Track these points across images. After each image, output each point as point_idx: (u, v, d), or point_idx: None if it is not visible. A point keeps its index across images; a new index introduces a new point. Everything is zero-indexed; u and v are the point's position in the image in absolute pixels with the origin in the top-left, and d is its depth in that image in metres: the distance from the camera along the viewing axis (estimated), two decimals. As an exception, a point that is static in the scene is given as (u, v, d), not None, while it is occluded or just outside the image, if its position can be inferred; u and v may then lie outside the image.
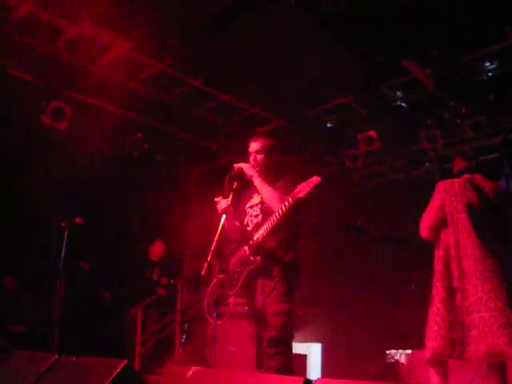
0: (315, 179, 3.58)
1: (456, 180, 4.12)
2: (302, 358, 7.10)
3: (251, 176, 4.01)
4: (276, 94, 7.65)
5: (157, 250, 8.48)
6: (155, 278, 8.33)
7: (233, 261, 4.12)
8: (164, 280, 8.33)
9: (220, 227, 3.87)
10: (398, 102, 8.12)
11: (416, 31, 6.28)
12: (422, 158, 8.97)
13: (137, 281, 8.30)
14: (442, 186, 4.18)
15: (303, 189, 3.57)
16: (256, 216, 4.09)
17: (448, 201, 4.05)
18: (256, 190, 4.10)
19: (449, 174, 4.45)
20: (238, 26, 6.16)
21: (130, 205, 8.72)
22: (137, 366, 7.50)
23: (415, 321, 7.95)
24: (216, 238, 3.79)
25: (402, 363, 6.67)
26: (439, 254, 4.02)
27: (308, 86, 7.38)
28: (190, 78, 7.54)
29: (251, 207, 4.18)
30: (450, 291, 3.86)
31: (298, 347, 7.55)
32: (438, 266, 4.00)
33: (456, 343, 3.76)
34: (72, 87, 7.45)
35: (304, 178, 3.66)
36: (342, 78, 7.24)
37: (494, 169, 4.30)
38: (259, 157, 4.12)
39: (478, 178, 4.09)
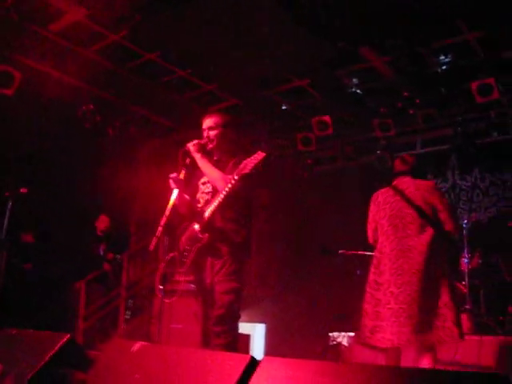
0: (259, 155, 3.56)
1: (381, 191, 4.53)
2: (246, 338, 7.17)
3: (194, 156, 3.95)
4: (233, 73, 7.59)
5: (102, 224, 8.37)
6: (101, 252, 8.22)
7: (183, 238, 4.05)
8: (110, 255, 8.24)
9: (171, 202, 3.83)
10: (354, 89, 8.20)
11: (375, 20, 6.33)
12: (374, 145, 9.10)
13: (82, 255, 8.17)
14: (373, 198, 4.59)
15: (248, 164, 3.54)
16: (208, 193, 4.04)
17: (375, 210, 4.45)
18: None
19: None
20: (199, 2, 6.06)
21: (78, 177, 8.54)
22: (80, 341, 7.40)
23: (358, 304, 8.15)
24: (166, 213, 3.75)
25: (344, 345, 6.79)
26: (375, 254, 4.36)
27: (265, 66, 7.35)
28: (145, 52, 7.38)
29: (204, 184, 4.12)
30: (375, 285, 4.22)
31: (242, 327, 7.58)
32: (373, 262, 4.35)
33: (366, 330, 4.15)
34: (22, 52, 7.17)
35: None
36: (299, 60, 7.24)
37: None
38: (212, 133, 4.07)
39: (405, 181, 4.39)
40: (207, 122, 4.11)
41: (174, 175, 3.97)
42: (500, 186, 8.73)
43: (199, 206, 4.04)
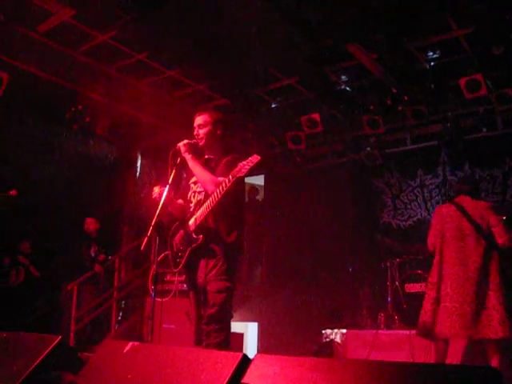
0: (255, 158, 3.57)
1: (444, 205, 5.34)
2: (239, 337, 7.16)
3: (184, 156, 3.95)
4: (222, 72, 7.58)
5: (90, 226, 8.34)
6: (92, 254, 8.19)
7: (176, 239, 4.08)
8: (101, 256, 8.22)
9: (161, 202, 3.82)
10: (343, 86, 8.21)
11: (363, 16, 6.34)
12: (364, 142, 9.12)
13: (74, 257, 8.15)
14: (437, 209, 5.34)
15: (243, 168, 3.55)
16: (199, 192, 4.05)
17: (438, 220, 5.12)
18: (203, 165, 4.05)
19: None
20: (187, 1, 6.05)
21: (67, 179, 8.50)
22: (72, 342, 7.37)
23: (350, 302, 8.18)
24: (157, 213, 3.74)
25: (337, 342, 6.82)
26: (435, 259, 5.07)
27: (254, 65, 7.34)
28: (133, 52, 7.35)
29: (195, 183, 4.13)
30: (434, 287, 4.98)
31: (235, 326, 7.58)
32: (433, 266, 5.07)
33: (427, 326, 4.91)
34: (9, 53, 7.12)
35: (246, 156, 3.65)
36: (288, 58, 7.24)
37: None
38: (202, 131, 4.07)
39: (466, 199, 5.09)
40: (197, 120, 4.11)
41: (155, 193, 3.99)
42: (489, 181, 8.77)
43: (191, 205, 4.06)
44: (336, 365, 2.22)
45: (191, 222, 3.96)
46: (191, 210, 4.02)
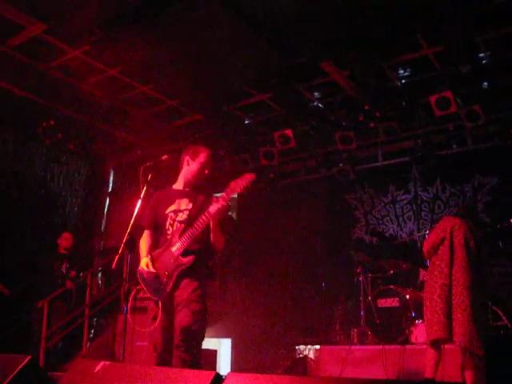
0: (250, 175, 3.73)
1: (457, 218, 5.33)
2: (213, 353, 7.12)
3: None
4: (195, 88, 7.59)
5: (64, 242, 8.21)
6: (64, 270, 8.07)
7: (163, 259, 4.04)
8: (73, 273, 8.09)
9: (133, 219, 3.79)
10: (315, 103, 8.29)
11: (336, 34, 6.43)
12: (336, 158, 9.20)
13: (45, 274, 8.01)
14: (447, 218, 5.44)
15: (238, 185, 3.71)
16: (181, 222, 4.05)
17: (449, 228, 5.21)
18: (178, 196, 4.16)
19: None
20: (160, 18, 6.06)
21: (39, 196, 8.41)
22: (42, 362, 7.23)
23: (324, 317, 8.19)
24: (128, 230, 3.71)
25: (311, 358, 6.82)
26: (441, 264, 5.15)
27: (227, 81, 7.38)
28: (106, 67, 7.33)
29: (175, 212, 4.13)
30: (445, 288, 5.04)
31: (208, 342, 7.55)
32: (438, 268, 5.17)
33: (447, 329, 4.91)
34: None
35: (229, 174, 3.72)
36: (260, 75, 7.29)
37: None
38: (208, 169, 4.24)
39: (466, 221, 5.30)
40: (207, 157, 4.24)
41: (144, 271, 3.99)
42: (460, 196, 8.91)
43: (169, 233, 4.08)
44: (308, 383, 2.22)
45: (175, 247, 3.97)
46: (169, 237, 4.05)
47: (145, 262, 3.99)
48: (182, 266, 3.93)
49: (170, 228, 4.08)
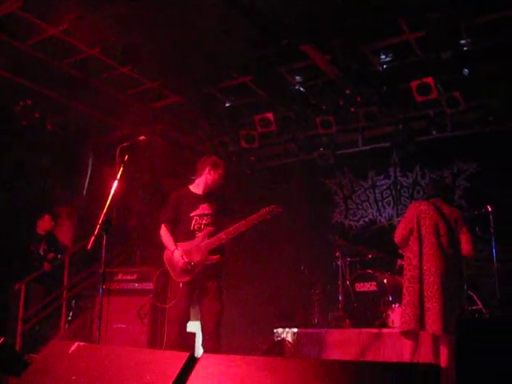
0: (277, 208, 5.05)
1: (423, 202, 5.30)
2: (192, 336, 7.12)
3: None
4: (176, 70, 7.51)
5: (46, 224, 8.13)
6: (41, 252, 7.99)
7: (192, 252, 4.79)
8: (50, 255, 8.01)
9: (108, 200, 3.76)
10: (297, 87, 8.26)
11: (318, 18, 6.39)
12: (317, 142, 9.20)
13: (22, 255, 7.93)
14: (415, 204, 5.32)
15: (265, 216, 4.95)
16: (206, 224, 4.90)
17: (415, 215, 5.15)
18: (199, 202, 4.95)
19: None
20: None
21: (17, 176, 8.29)
22: (19, 345, 7.18)
23: (302, 301, 8.23)
24: (104, 210, 3.68)
25: (289, 341, 6.86)
26: (410, 256, 5.12)
27: (208, 63, 7.31)
28: (86, 47, 7.21)
29: (200, 216, 4.91)
30: (413, 279, 5.01)
31: (187, 325, 7.56)
32: (407, 260, 5.16)
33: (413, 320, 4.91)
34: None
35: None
36: (242, 57, 7.24)
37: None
38: (223, 180, 5.10)
39: (442, 202, 5.23)
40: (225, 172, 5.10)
41: (181, 262, 4.80)
42: (439, 182, 8.97)
43: (196, 233, 4.86)
44: (282, 364, 2.23)
45: (204, 245, 4.81)
46: (197, 235, 4.85)
47: (180, 254, 4.76)
48: (209, 260, 4.79)
49: (197, 229, 4.88)
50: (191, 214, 4.90)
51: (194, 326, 8.52)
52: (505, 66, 7.27)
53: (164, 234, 4.93)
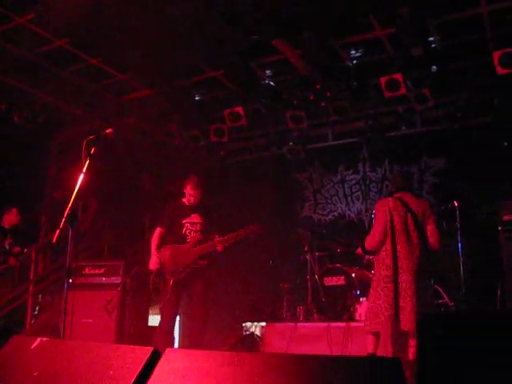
0: (257, 229, 5.86)
1: (388, 199, 5.27)
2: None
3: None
4: (146, 62, 7.43)
5: (13, 217, 7.99)
6: (7, 246, 7.85)
7: (181, 253, 5.65)
8: (16, 249, 7.88)
9: (74, 194, 3.70)
10: (267, 81, 8.25)
11: (289, 12, 6.38)
12: (287, 137, 9.21)
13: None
14: (382, 203, 5.27)
15: (248, 235, 5.86)
16: (196, 232, 5.80)
17: (385, 215, 5.13)
18: (190, 211, 5.88)
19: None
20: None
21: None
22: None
23: (271, 295, 8.25)
24: (70, 204, 3.63)
25: (257, 335, 6.87)
26: (382, 254, 5.10)
27: (179, 56, 7.25)
28: (53, 37, 7.07)
29: (191, 224, 5.82)
30: (387, 279, 5.00)
31: (156, 319, 7.52)
32: (380, 259, 5.13)
33: (386, 315, 4.91)
34: None
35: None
36: (213, 51, 7.20)
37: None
38: (200, 193, 5.98)
39: (408, 196, 5.25)
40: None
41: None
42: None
43: (187, 239, 5.74)
44: (247, 359, 2.23)
45: (195, 250, 5.69)
46: (188, 240, 5.75)
47: (154, 260, 5.68)
48: (198, 265, 5.65)
49: (188, 234, 5.77)
50: (183, 221, 5.81)
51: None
52: (473, 62, 7.38)
53: (154, 237, 5.83)
